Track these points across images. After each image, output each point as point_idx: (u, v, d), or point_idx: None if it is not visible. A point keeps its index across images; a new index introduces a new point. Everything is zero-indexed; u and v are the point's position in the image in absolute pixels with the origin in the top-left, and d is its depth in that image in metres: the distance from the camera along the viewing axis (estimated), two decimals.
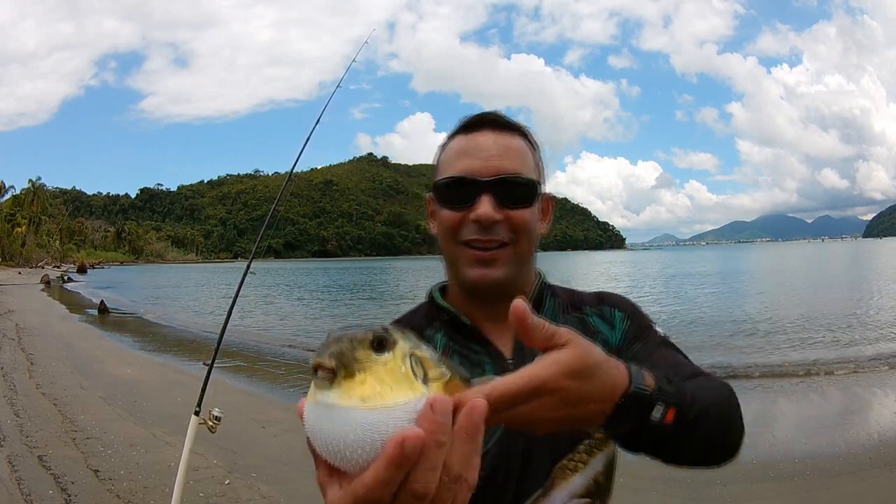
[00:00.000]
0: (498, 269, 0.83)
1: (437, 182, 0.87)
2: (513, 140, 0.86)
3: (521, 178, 0.83)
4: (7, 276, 39.59)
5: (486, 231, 0.82)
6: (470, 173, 0.83)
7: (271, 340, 13.52)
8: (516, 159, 0.84)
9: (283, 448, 5.06)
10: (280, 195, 2.95)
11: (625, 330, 0.88)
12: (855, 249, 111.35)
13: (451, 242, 0.85)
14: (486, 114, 0.88)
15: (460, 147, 0.86)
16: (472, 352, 0.86)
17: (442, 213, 0.86)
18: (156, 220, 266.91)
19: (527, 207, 0.84)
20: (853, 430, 5.51)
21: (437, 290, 0.93)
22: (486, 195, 0.81)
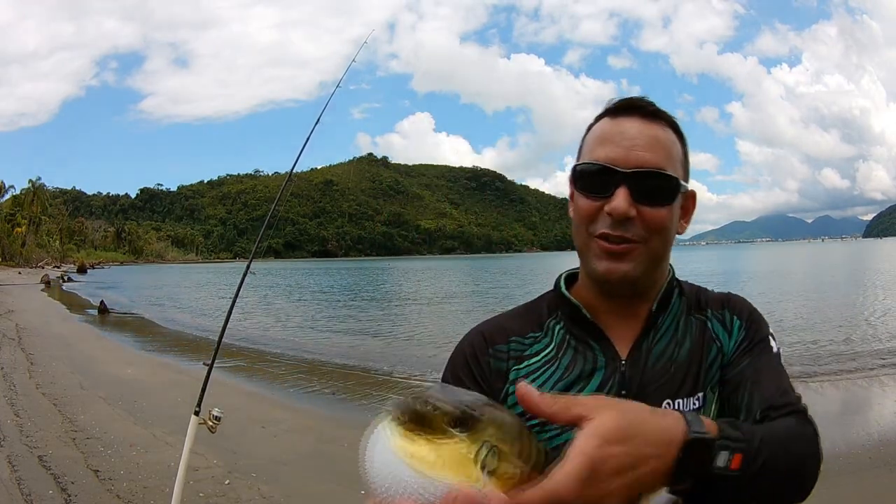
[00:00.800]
0: (627, 263, 0.79)
1: (575, 167, 0.83)
2: (660, 131, 0.81)
3: (662, 174, 0.78)
4: (7, 276, 39.60)
5: (619, 226, 0.78)
6: (610, 162, 0.78)
7: (271, 340, 13.53)
8: (661, 152, 0.79)
9: (283, 448, 5.06)
10: (280, 195, 2.95)
11: (739, 340, 0.84)
12: (856, 249, 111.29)
13: (584, 232, 0.81)
14: (635, 99, 0.83)
15: (604, 132, 0.82)
16: (588, 348, 0.83)
17: (578, 201, 0.82)
18: (156, 220, 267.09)
19: (665, 206, 0.79)
20: (853, 430, 5.52)
21: (563, 278, 0.90)
22: (624, 188, 0.77)
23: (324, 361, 10.53)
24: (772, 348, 0.83)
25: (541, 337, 0.86)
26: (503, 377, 0.83)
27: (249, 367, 9.63)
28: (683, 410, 0.62)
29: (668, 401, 0.79)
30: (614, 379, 0.81)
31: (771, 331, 0.86)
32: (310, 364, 10.26)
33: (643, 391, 0.79)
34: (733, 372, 0.80)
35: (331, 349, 12.11)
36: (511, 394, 0.81)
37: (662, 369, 0.81)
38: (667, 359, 0.82)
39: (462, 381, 0.83)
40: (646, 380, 0.80)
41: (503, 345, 0.85)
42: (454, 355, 0.87)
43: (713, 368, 0.82)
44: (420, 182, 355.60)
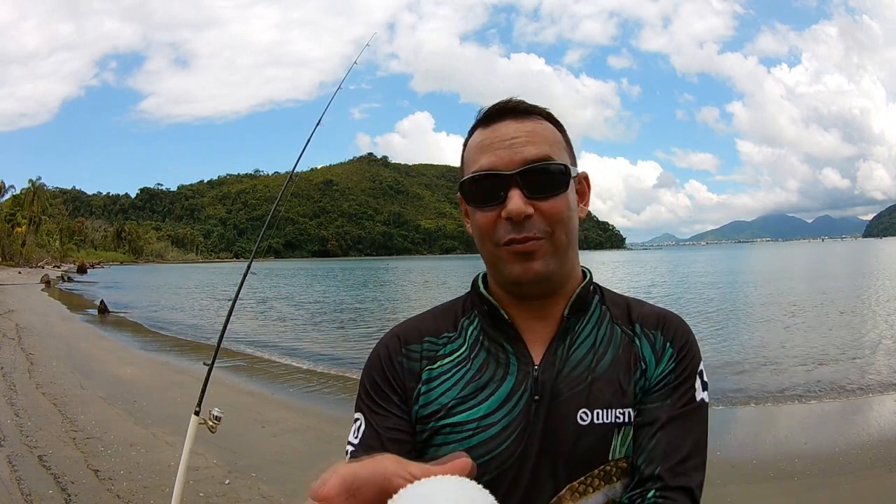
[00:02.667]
0: (539, 261, 0.78)
1: (462, 183, 0.82)
2: (536, 124, 0.81)
3: (549, 164, 0.78)
4: (7, 276, 39.57)
5: (520, 228, 0.77)
6: (494, 167, 0.78)
7: (272, 340, 13.53)
8: (543, 143, 0.79)
9: (283, 448, 5.06)
10: (281, 195, 2.95)
11: (665, 371, 0.81)
12: (858, 250, 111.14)
13: (490, 245, 0.80)
14: (504, 102, 0.82)
15: (481, 141, 0.81)
16: (501, 350, 0.82)
17: (475, 216, 0.81)
18: (156, 220, 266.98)
19: (560, 195, 0.79)
20: (853, 431, 5.51)
21: (481, 278, 0.88)
22: (515, 189, 0.76)
23: (324, 361, 10.53)
24: (695, 395, 0.80)
25: (454, 337, 0.85)
26: (416, 377, 0.82)
27: (249, 367, 9.63)
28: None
29: (585, 410, 0.77)
30: (527, 383, 0.79)
31: (702, 368, 0.83)
32: (310, 364, 10.26)
33: (556, 398, 0.78)
34: (650, 406, 0.79)
35: (331, 349, 12.11)
36: (423, 393, 0.81)
37: (578, 378, 0.79)
38: (584, 368, 0.80)
39: (377, 382, 0.83)
40: (559, 387, 0.79)
41: (417, 345, 0.84)
42: (370, 357, 0.87)
43: (637, 388, 0.80)
44: (420, 182, 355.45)
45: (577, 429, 0.77)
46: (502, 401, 0.79)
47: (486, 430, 0.78)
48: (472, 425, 0.78)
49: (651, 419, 0.77)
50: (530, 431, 0.77)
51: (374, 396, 0.83)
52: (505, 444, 0.77)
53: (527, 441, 0.77)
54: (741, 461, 4.75)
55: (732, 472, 4.44)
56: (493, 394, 0.79)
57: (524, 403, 0.78)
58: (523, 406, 0.78)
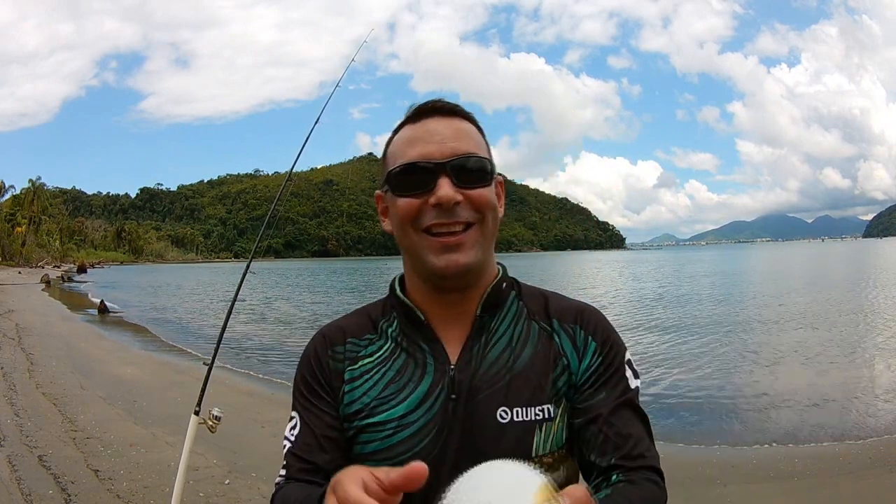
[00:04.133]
0: (465, 252, 0.79)
1: (390, 171, 0.83)
2: (462, 124, 0.84)
3: (476, 157, 0.81)
4: (7, 276, 39.55)
5: (449, 214, 0.79)
6: (425, 157, 0.80)
7: (272, 340, 13.52)
8: (469, 141, 0.83)
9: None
10: (280, 195, 2.95)
11: (593, 366, 0.82)
12: (860, 250, 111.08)
13: (411, 231, 0.81)
14: (431, 101, 0.86)
15: (410, 135, 0.83)
16: (419, 350, 0.83)
17: (398, 204, 0.82)
18: (156, 220, 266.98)
19: (486, 186, 0.82)
20: (853, 431, 5.51)
21: (397, 281, 0.90)
22: (444, 177, 0.79)
23: None
24: (628, 383, 0.82)
25: (375, 339, 0.87)
26: (340, 377, 0.85)
27: (249, 367, 9.63)
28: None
29: (504, 408, 0.78)
30: (444, 382, 0.80)
31: (629, 356, 0.84)
32: None
33: (473, 397, 0.79)
34: (586, 403, 0.80)
35: None
36: (346, 392, 0.84)
37: (496, 376, 0.80)
38: (501, 366, 0.81)
39: (308, 381, 0.87)
40: (476, 385, 0.80)
41: (341, 346, 0.87)
42: (302, 357, 0.90)
43: (559, 383, 0.81)
44: None
45: (497, 427, 0.78)
46: (420, 400, 0.80)
47: (405, 429, 0.80)
48: (393, 424, 0.80)
49: (592, 415, 0.78)
50: (448, 430, 0.79)
51: (307, 395, 0.87)
52: (423, 442, 0.79)
53: (445, 439, 0.79)
54: (741, 461, 4.75)
55: (732, 472, 4.44)
56: (412, 393, 0.81)
57: (441, 402, 0.80)
58: (441, 405, 0.80)
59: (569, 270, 54.55)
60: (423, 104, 0.86)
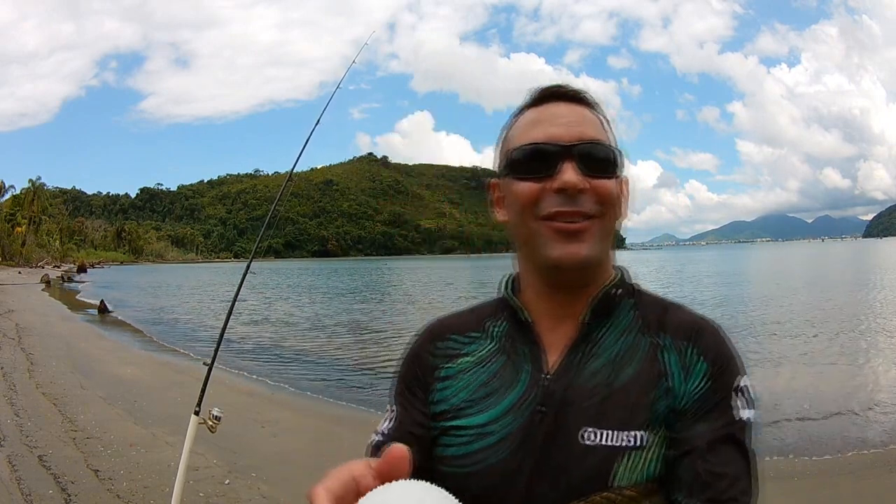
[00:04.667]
0: (585, 243, 0.72)
1: (511, 151, 0.77)
2: (588, 111, 0.78)
3: (604, 145, 0.75)
4: (7, 276, 39.57)
5: (571, 202, 0.72)
6: (550, 139, 0.74)
7: (272, 340, 13.53)
8: (595, 128, 0.76)
9: (283, 448, 5.06)
10: (280, 195, 2.95)
11: (698, 393, 0.71)
12: (859, 250, 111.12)
13: (530, 218, 0.74)
14: (556, 85, 0.80)
15: (533, 118, 0.77)
16: (517, 353, 0.77)
17: (517, 189, 0.75)
18: (156, 220, 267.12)
19: (612, 178, 0.75)
20: (853, 431, 5.52)
21: (507, 279, 0.84)
22: (570, 161, 0.72)
23: (324, 361, 10.53)
24: (734, 413, 0.71)
25: (479, 337, 0.82)
26: (434, 374, 0.81)
27: (250, 367, 9.64)
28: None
29: (591, 429, 0.70)
30: (535, 393, 0.74)
31: (744, 383, 0.73)
32: (311, 363, 10.26)
33: (563, 412, 0.72)
34: (684, 434, 0.70)
35: (332, 349, 12.11)
36: (438, 391, 0.80)
37: (592, 391, 0.72)
38: (598, 381, 0.73)
39: (404, 374, 0.84)
40: (568, 399, 0.72)
41: (442, 342, 0.84)
42: (406, 348, 0.87)
43: (658, 407, 0.71)
44: (420, 182, 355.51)
45: (579, 448, 0.70)
46: (507, 409, 0.75)
47: (484, 439, 0.74)
48: (473, 431, 0.75)
49: (686, 448, 0.69)
50: (528, 445, 0.72)
51: (402, 388, 0.83)
52: (500, 454, 0.73)
53: (522, 455, 0.72)
54: None
55: None
56: (501, 400, 0.75)
57: (528, 414, 0.73)
58: (526, 416, 0.73)
59: None
60: (546, 87, 0.80)
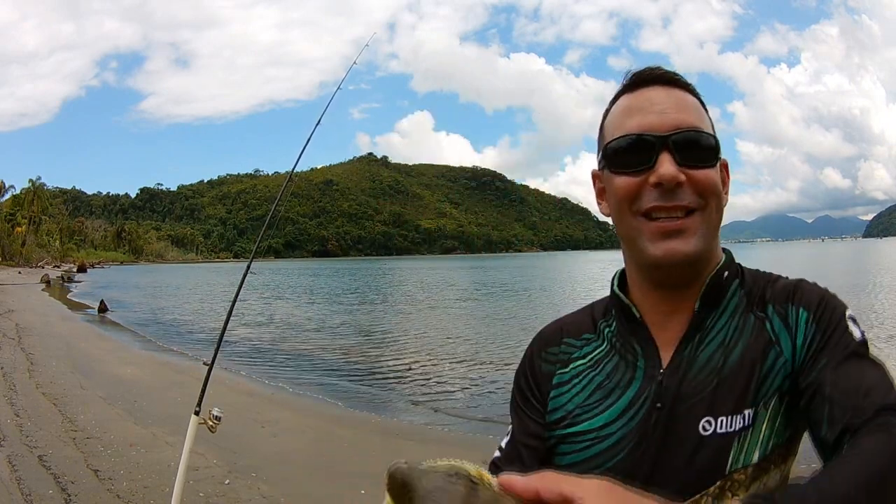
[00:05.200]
0: (687, 239, 0.70)
1: (606, 146, 0.75)
2: (685, 95, 0.75)
3: (702, 133, 0.72)
4: (7, 276, 39.57)
5: (670, 196, 0.70)
6: (645, 129, 0.71)
7: (272, 340, 13.53)
8: (694, 114, 0.73)
9: (283, 448, 5.06)
10: (280, 195, 2.95)
11: (808, 339, 0.69)
12: (859, 250, 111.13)
13: (628, 215, 0.73)
14: (651, 68, 0.77)
15: (628, 105, 0.75)
16: (631, 351, 0.76)
17: (615, 182, 0.73)
18: (156, 220, 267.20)
19: (712, 167, 0.72)
20: None
21: (617, 276, 0.81)
22: (666, 153, 0.70)
23: (324, 361, 10.53)
24: (852, 334, 0.67)
25: (593, 339, 0.80)
26: (549, 381, 0.80)
27: (250, 367, 9.64)
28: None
29: (709, 418, 0.69)
30: (650, 389, 0.72)
31: (850, 313, 0.70)
32: (310, 363, 10.26)
33: (679, 405, 0.70)
34: (808, 379, 0.66)
35: (332, 349, 12.11)
36: (552, 398, 0.79)
37: (705, 381, 0.70)
38: (711, 369, 0.71)
39: (520, 384, 0.83)
40: (683, 392, 0.71)
41: (556, 346, 0.82)
42: (524, 355, 0.85)
43: (769, 379, 0.69)
44: (420, 182, 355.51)
45: (698, 440, 0.69)
46: (624, 408, 0.73)
47: (602, 441, 0.73)
48: (591, 435, 0.74)
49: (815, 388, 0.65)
50: (647, 443, 0.71)
51: (517, 400, 0.82)
52: (618, 455, 0.72)
53: (640, 455, 0.71)
54: None
55: None
56: (617, 400, 0.74)
57: (645, 412, 0.72)
58: (643, 415, 0.72)
59: (573, 271, 54.53)
60: (640, 70, 0.77)
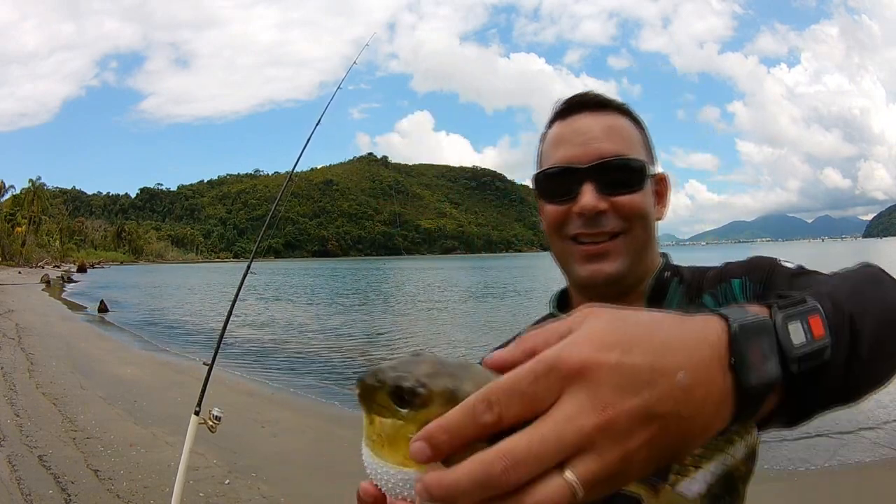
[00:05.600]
0: (611, 262, 0.75)
1: (536, 176, 0.81)
2: (615, 120, 0.79)
3: (624, 160, 0.76)
4: (7, 276, 39.58)
5: (592, 223, 0.75)
6: (568, 161, 0.77)
7: (272, 340, 13.53)
8: (618, 140, 0.77)
9: (283, 448, 5.06)
10: (280, 195, 2.95)
11: (748, 296, 0.72)
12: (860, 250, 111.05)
13: (558, 239, 0.79)
14: (581, 95, 0.82)
15: (558, 134, 0.80)
16: None
17: (546, 209, 0.80)
18: (156, 220, 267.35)
19: (635, 192, 0.76)
20: (853, 430, 5.51)
21: (555, 296, 0.86)
22: (589, 183, 0.75)
23: (325, 361, 10.53)
24: (788, 266, 0.69)
25: None
26: None
27: (249, 367, 9.64)
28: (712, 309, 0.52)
29: None
30: None
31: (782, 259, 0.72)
32: (310, 364, 10.26)
33: None
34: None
35: (332, 350, 12.12)
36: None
37: None
38: None
39: None
40: None
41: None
42: None
43: None
44: (420, 182, 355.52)
45: None
46: None
47: None
48: None
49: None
50: None
51: None
52: None
53: None
54: None
55: None
56: None
57: None
58: None
59: None
60: (571, 98, 0.82)
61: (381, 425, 0.35)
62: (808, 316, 0.38)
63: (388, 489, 0.35)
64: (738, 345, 0.34)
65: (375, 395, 0.35)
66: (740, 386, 0.33)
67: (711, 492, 0.60)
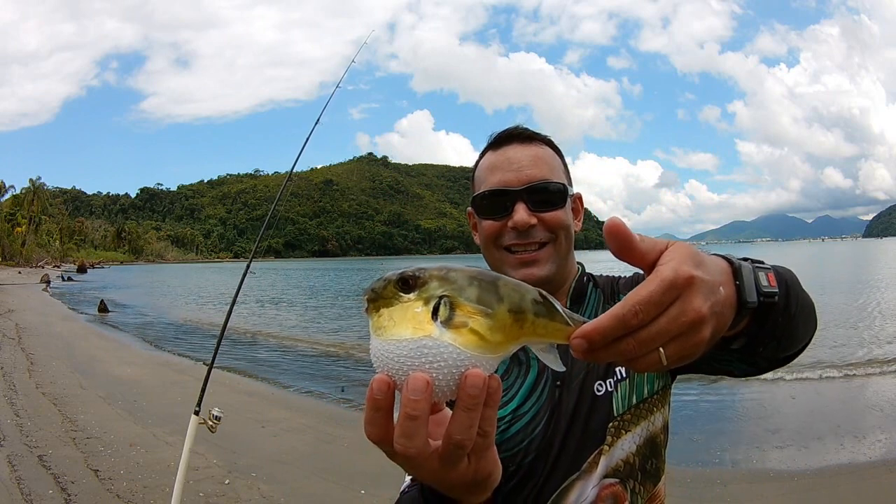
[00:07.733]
0: (539, 267, 0.91)
1: (475, 197, 0.96)
2: (539, 150, 0.95)
3: (549, 183, 0.92)
4: (7, 276, 39.57)
5: (524, 235, 0.91)
6: (503, 185, 0.92)
7: (272, 340, 13.52)
8: (544, 167, 0.93)
9: (283, 447, 5.06)
10: (280, 195, 2.95)
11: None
12: (860, 250, 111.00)
13: (494, 249, 0.94)
14: (511, 129, 0.97)
15: (492, 162, 0.95)
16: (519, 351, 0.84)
17: (483, 225, 0.95)
18: (156, 220, 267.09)
19: (559, 209, 0.92)
20: (853, 430, 5.51)
21: None
22: (521, 203, 0.90)
23: (325, 361, 10.53)
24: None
25: None
26: None
27: (249, 367, 9.63)
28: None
29: (600, 382, 0.88)
30: (547, 372, 0.90)
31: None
32: (310, 364, 10.26)
33: (573, 379, 0.89)
34: None
35: (332, 349, 12.11)
36: None
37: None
38: None
39: None
40: (575, 371, 0.89)
41: None
42: None
43: None
44: (420, 182, 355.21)
45: (593, 399, 0.88)
46: (529, 391, 0.89)
47: (519, 420, 0.88)
48: (507, 419, 0.88)
49: None
50: (558, 413, 0.88)
51: None
52: (536, 429, 0.87)
53: (555, 421, 0.87)
54: (741, 461, 4.76)
55: (733, 472, 4.44)
56: (521, 388, 0.89)
57: (548, 391, 0.89)
58: (548, 393, 0.89)
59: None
60: (502, 132, 0.97)
61: (389, 311, 0.43)
62: (767, 272, 0.58)
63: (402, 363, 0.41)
64: (739, 274, 0.53)
65: (383, 291, 0.43)
66: (740, 300, 0.52)
67: (641, 451, 0.88)
